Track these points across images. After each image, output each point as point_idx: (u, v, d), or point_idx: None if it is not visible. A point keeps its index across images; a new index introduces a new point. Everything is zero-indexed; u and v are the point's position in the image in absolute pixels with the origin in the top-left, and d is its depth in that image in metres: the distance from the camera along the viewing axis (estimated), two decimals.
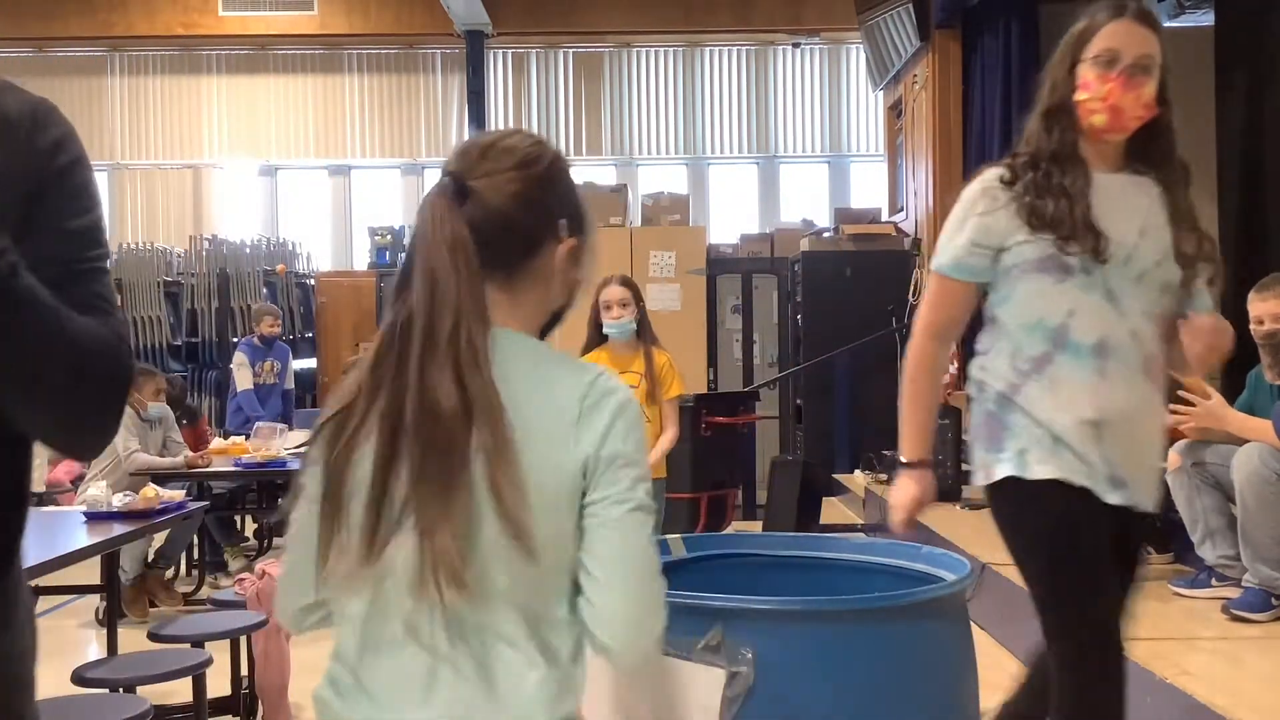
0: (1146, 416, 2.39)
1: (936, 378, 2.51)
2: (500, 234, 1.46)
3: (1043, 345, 2.33)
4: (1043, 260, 2.31)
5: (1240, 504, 3.89)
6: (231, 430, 7.92)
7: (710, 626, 1.90)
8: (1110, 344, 2.31)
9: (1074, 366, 2.31)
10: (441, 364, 1.39)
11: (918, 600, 2.05)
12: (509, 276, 1.49)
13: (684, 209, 10.86)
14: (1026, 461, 2.34)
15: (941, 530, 5.85)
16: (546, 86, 12.67)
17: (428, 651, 1.41)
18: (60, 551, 3.83)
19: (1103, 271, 2.29)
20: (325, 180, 13.00)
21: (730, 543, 2.63)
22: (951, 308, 2.46)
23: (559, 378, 1.47)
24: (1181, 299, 2.38)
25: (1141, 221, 2.34)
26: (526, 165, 1.50)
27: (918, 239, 9.19)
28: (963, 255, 2.40)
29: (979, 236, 2.37)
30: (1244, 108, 6.73)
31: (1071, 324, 2.31)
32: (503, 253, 1.47)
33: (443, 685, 1.41)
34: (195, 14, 12.12)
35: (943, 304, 2.46)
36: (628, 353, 4.57)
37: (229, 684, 4.34)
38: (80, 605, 6.28)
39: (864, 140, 12.60)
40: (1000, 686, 2.64)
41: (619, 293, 4.51)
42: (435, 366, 1.39)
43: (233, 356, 8.76)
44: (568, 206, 1.55)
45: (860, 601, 2.06)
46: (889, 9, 9.10)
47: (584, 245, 1.55)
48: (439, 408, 1.38)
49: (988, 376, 2.42)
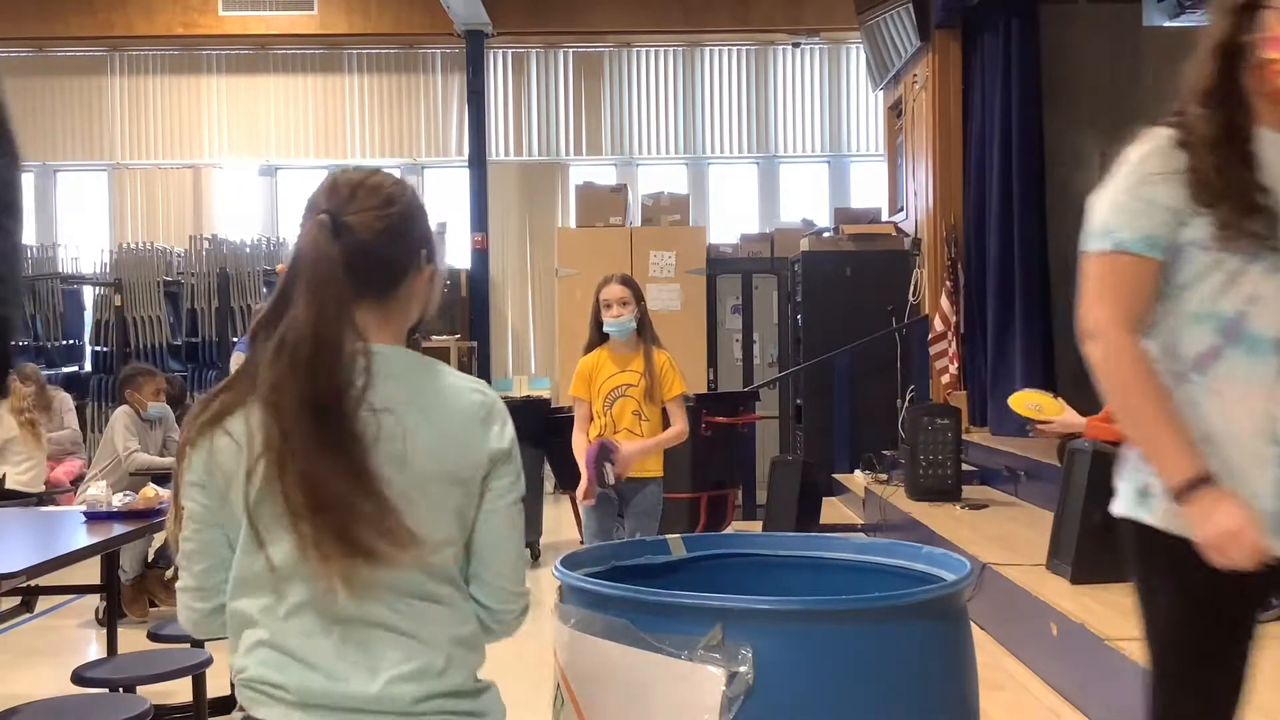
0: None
1: (1157, 374, 1.99)
2: (371, 264, 1.66)
3: (1210, 338, 1.95)
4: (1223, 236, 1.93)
5: None
6: None
7: (710, 626, 1.90)
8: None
9: (1249, 365, 1.93)
10: (329, 373, 1.56)
11: (918, 600, 2.05)
12: (379, 300, 1.68)
13: (684, 209, 10.87)
14: (1151, 503, 1.97)
15: (941, 530, 5.86)
16: (546, 86, 12.66)
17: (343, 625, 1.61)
18: (60, 551, 3.83)
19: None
20: None
21: (730, 543, 2.63)
22: (1142, 294, 1.98)
23: (459, 383, 1.70)
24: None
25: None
26: (391, 203, 1.69)
27: (918, 239, 9.19)
28: (1152, 227, 1.96)
29: (1164, 202, 1.97)
30: None
31: (1251, 313, 1.93)
32: (374, 280, 1.67)
33: (376, 654, 1.61)
34: (195, 14, 12.12)
35: (1132, 290, 1.98)
36: (627, 351, 4.57)
37: (229, 684, 4.34)
38: (80, 605, 6.28)
39: (864, 140, 12.59)
40: (1000, 686, 2.64)
41: (619, 291, 4.51)
42: (322, 376, 1.56)
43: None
44: (426, 239, 1.75)
45: (860, 601, 2.06)
46: (889, 9, 9.10)
47: (438, 272, 1.77)
48: (327, 413, 1.56)
49: None
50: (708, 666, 1.88)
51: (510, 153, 12.63)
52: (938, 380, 8.57)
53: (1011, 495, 6.87)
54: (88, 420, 10.37)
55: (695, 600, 1.96)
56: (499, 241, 12.43)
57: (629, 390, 4.51)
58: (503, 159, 12.55)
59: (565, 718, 2.09)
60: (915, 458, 6.82)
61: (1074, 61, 8.46)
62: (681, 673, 1.90)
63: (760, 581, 2.49)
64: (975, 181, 8.36)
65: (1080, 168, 8.57)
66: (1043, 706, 3.98)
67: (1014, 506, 6.59)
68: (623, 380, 4.53)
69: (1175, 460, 1.92)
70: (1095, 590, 4.31)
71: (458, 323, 11.49)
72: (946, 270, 8.39)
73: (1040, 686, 4.17)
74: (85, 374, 11.04)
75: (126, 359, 9.98)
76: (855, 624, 1.95)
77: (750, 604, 1.96)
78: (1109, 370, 1.99)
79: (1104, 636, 3.73)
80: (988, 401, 8.18)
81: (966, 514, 6.34)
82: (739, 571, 2.53)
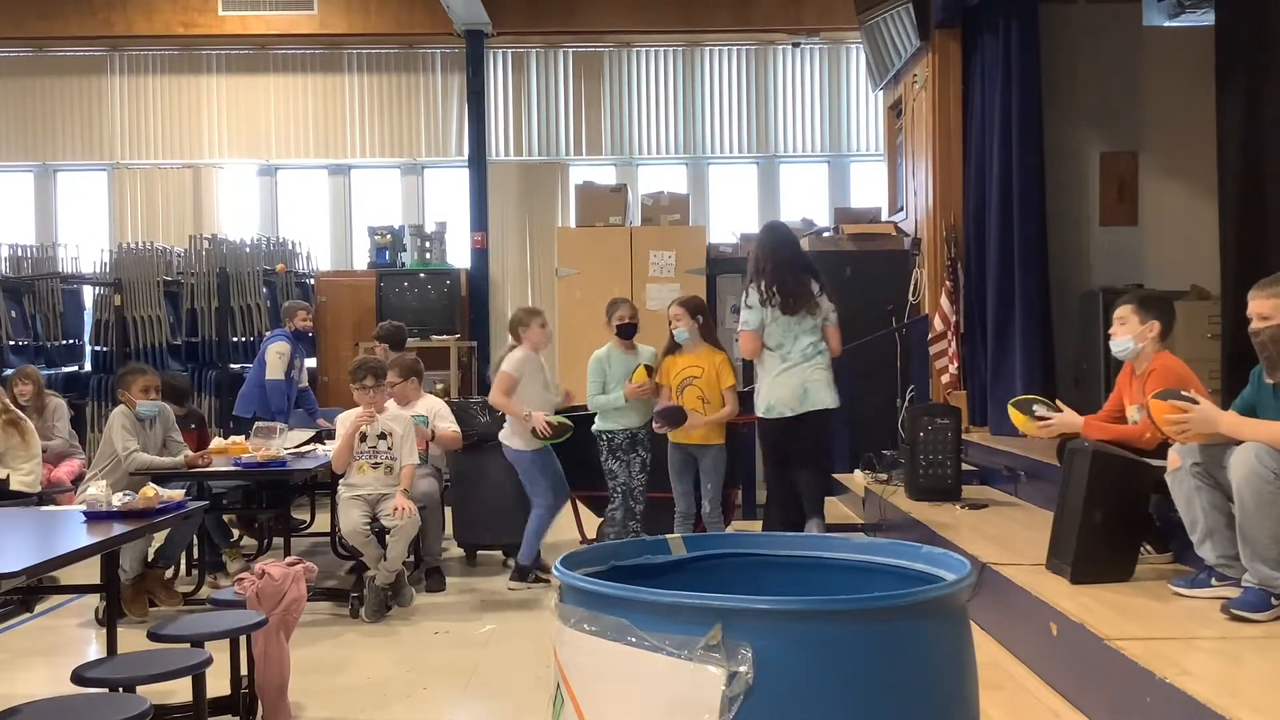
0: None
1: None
2: None
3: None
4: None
5: (1238, 503, 3.89)
6: (252, 416, 8.03)
7: (710, 626, 1.90)
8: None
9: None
10: None
11: (918, 600, 2.05)
12: None
13: (684, 209, 10.87)
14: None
15: (941, 530, 5.86)
16: (546, 86, 12.67)
17: None
18: (60, 551, 3.84)
19: None
20: (325, 180, 13.01)
21: (730, 543, 2.63)
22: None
23: None
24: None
25: None
26: None
27: (918, 239, 9.19)
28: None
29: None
30: (1244, 108, 6.73)
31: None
32: None
33: None
34: (195, 13, 12.13)
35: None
36: (692, 351, 6.36)
37: (229, 684, 4.34)
38: (80, 605, 6.29)
39: (864, 140, 12.60)
40: (1000, 686, 2.64)
41: (675, 310, 6.40)
42: None
43: (267, 343, 8.72)
44: None
45: (860, 601, 2.06)
46: (889, 9, 9.10)
47: None
48: None
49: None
50: (708, 666, 1.88)
51: (510, 152, 12.64)
52: (938, 380, 8.57)
53: (1011, 495, 6.87)
54: (87, 420, 10.38)
55: (695, 600, 1.96)
56: (499, 241, 12.44)
57: (695, 380, 6.32)
58: (503, 159, 12.56)
59: (565, 717, 2.09)
60: (915, 457, 6.82)
61: (1074, 61, 8.47)
62: (681, 673, 1.90)
63: (760, 581, 2.49)
64: (975, 181, 8.36)
65: (1080, 168, 8.58)
66: (1043, 706, 3.98)
67: (1014, 506, 6.59)
68: (689, 373, 6.32)
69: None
70: (1095, 590, 4.31)
71: (458, 323, 11.49)
72: (946, 270, 8.39)
73: (1040, 686, 4.17)
74: (85, 374, 11.05)
75: (126, 359, 9.98)
76: (855, 624, 1.96)
77: (750, 604, 1.96)
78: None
79: (1104, 636, 3.73)
80: (988, 401, 8.18)
81: (966, 514, 6.34)
82: (739, 571, 2.53)
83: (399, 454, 6.34)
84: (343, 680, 5.06)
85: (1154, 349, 4.80)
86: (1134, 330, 4.81)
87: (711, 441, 6.30)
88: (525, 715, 4.57)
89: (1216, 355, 6.93)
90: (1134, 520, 4.61)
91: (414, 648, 5.58)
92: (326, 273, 12.13)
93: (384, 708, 4.67)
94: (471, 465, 7.42)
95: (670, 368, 6.36)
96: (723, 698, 1.87)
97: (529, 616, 6.11)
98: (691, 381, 6.28)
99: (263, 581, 4.37)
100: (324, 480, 7.07)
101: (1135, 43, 8.53)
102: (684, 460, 6.35)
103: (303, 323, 8.78)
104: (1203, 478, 4.14)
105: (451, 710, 4.78)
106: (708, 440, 6.29)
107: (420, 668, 5.23)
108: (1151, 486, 4.55)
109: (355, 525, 6.12)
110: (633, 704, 1.96)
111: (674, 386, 6.33)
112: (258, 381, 8.64)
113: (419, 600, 6.45)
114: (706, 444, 6.29)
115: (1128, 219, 8.55)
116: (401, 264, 11.88)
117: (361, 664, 5.32)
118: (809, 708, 1.89)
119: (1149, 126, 8.44)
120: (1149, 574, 4.54)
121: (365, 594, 6.09)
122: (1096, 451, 4.56)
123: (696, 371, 6.30)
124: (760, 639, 1.89)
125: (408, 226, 12.10)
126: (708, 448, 6.30)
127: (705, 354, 6.35)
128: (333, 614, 6.20)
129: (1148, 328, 4.79)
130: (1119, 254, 8.47)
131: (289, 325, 8.79)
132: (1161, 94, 8.34)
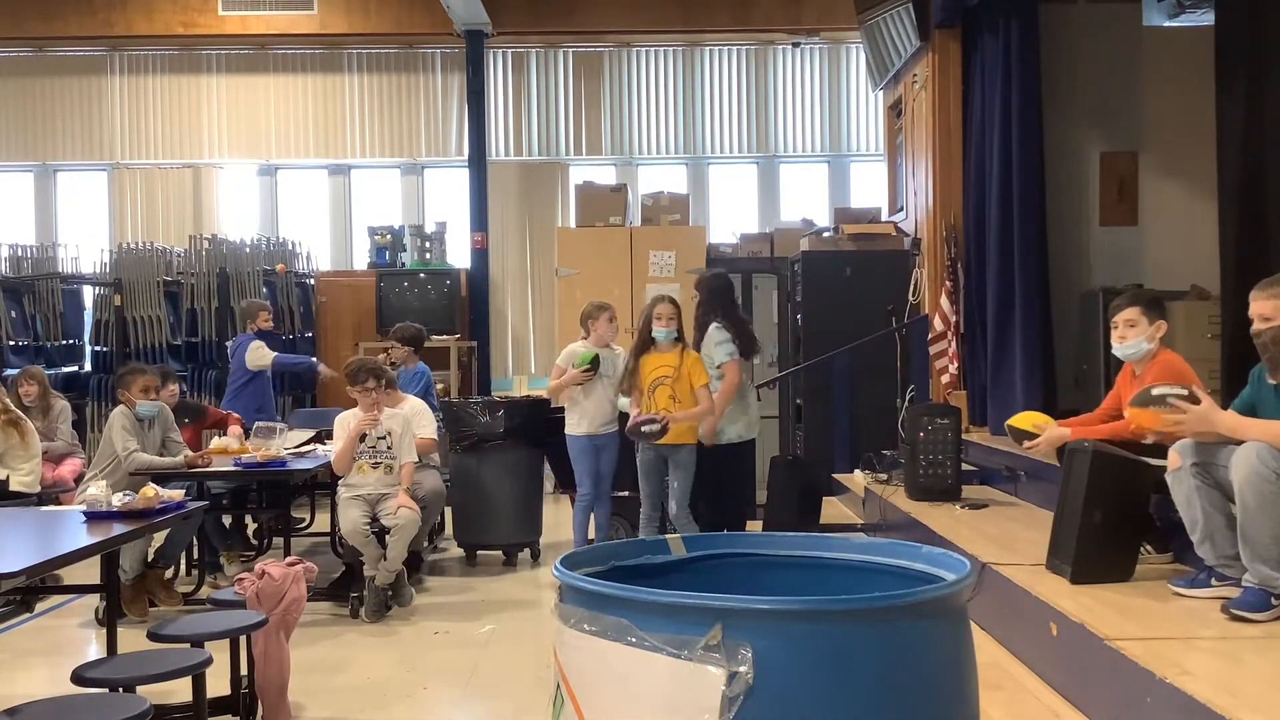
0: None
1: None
2: None
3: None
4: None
5: (1239, 503, 3.89)
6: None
7: (710, 626, 1.90)
8: None
9: None
10: None
11: (918, 600, 2.05)
12: None
13: (684, 209, 10.87)
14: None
15: (941, 530, 5.86)
16: (546, 86, 12.67)
17: None
18: (60, 551, 3.84)
19: None
20: (325, 180, 13.00)
21: (730, 543, 2.63)
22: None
23: None
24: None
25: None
26: None
27: (917, 239, 9.19)
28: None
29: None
30: (1244, 108, 6.73)
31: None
32: None
33: None
34: (195, 13, 12.12)
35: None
36: (666, 350, 6.29)
37: (229, 684, 4.34)
38: (80, 605, 6.29)
39: (864, 140, 12.60)
40: (1000, 686, 2.64)
41: (667, 309, 6.30)
42: None
43: (243, 350, 8.70)
44: None
45: (860, 601, 2.06)
46: (889, 9, 9.10)
47: None
48: None
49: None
50: (708, 666, 1.88)
51: (510, 152, 12.63)
52: (938, 380, 8.56)
53: (1011, 495, 6.87)
54: (87, 420, 10.37)
55: (695, 600, 1.96)
56: (499, 241, 12.43)
57: (666, 380, 6.26)
58: (503, 159, 12.56)
59: (565, 717, 2.09)
60: (915, 457, 6.81)
61: (1074, 61, 8.46)
62: (681, 673, 1.90)
63: (760, 581, 2.49)
64: (975, 181, 8.36)
65: (1080, 167, 8.58)
66: (1043, 706, 3.98)
67: (1014, 506, 6.58)
68: (660, 373, 6.27)
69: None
70: (1095, 590, 4.31)
71: (458, 323, 11.49)
72: (946, 270, 8.39)
73: (1040, 686, 4.17)
74: (85, 374, 11.04)
75: (126, 359, 9.97)
76: (855, 624, 1.96)
77: (750, 604, 1.96)
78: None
79: (1104, 636, 3.72)
80: (988, 401, 8.17)
81: (966, 514, 6.34)
82: (739, 571, 2.53)
83: (399, 453, 6.34)
84: (343, 680, 5.06)
85: (1158, 348, 4.83)
86: (1145, 331, 4.83)
87: (683, 441, 6.21)
88: (525, 715, 4.57)
89: (1216, 355, 6.93)
90: (1134, 520, 4.61)
91: (414, 648, 5.59)
92: (326, 273, 12.13)
93: (384, 708, 4.67)
94: (471, 465, 7.43)
95: (642, 368, 6.31)
96: (723, 698, 1.87)
97: (529, 616, 6.10)
98: (663, 381, 6.23)
99: (263, 581, 4.37)
100: (324, 480, 7.07)
101: (1135, 43, 8.52)
102: (653, 460, 6.29)
103: (264, 323, 8.72)
104: (1203, 477, 4.14)
105: (451, 710, 4.78)
106: (680, 440, 6.19)
107: (420, 668, 5.23)
108: (1151, 486, 4.55)
109: (355, 525, 6.12)
110: (633, 704, 1.96)
111: (646, 388, 6.26)
112: (237, 386, 8.64)
113: (419, 600, 6.45)
114: (679, 443, 6.20)
115: (1128, 219, 8.55)
116: (401, 264, 11.88)
117: (361, 664, 5.32)
118: (809, 708, 1.89)
119: (1149, 126, 8.44)
120: (1149, 574, 4.54)
121: (365, 594, 6.09)
122: (1096, 451, 4.56)
123: (668, 371, 6.23)
124: (760, 639, 1.89)
125: (408, 226, 12.10)
126: (679, 447, 6.21)
127: (677, 354, 6.27)
128: (333, 614, 6.21)
129: (1156, 328, 4.82)
130: (1119, 254, 8.47)
131: (251, 327, 8.73)
132: (1161, 94, 8.33)
